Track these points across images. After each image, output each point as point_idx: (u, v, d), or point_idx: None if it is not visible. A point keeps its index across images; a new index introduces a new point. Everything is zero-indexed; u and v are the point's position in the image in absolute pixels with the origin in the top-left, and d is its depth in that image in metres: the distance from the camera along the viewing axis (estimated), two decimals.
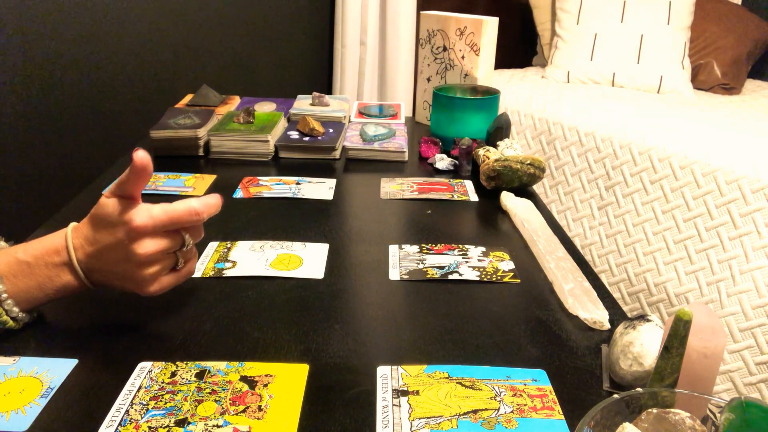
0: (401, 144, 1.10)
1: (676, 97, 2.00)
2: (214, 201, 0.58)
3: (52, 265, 0.56)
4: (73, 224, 0.58)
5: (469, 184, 1.00)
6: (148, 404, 0.49)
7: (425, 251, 0.76)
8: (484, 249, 0.77)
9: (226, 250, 0.75)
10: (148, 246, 0.55)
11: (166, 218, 0.55)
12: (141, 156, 0.53)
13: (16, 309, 0.56)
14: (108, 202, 0.55)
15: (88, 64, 1.75)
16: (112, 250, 0.55)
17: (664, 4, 2.07)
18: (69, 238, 0.56)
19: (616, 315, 0.64)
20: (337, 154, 1.11)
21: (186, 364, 0.54)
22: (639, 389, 0.40)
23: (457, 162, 1.07)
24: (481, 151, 1.00)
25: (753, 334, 1.35)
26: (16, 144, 1.70)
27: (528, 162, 0.92)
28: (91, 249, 0.56)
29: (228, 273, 0.70)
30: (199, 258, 0.73)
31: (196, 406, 0.49)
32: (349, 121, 1.26)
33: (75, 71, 1.74)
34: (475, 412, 0.49)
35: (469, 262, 0.74)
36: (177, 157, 1.09)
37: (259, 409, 0.49)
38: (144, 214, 0.54)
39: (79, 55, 1.73)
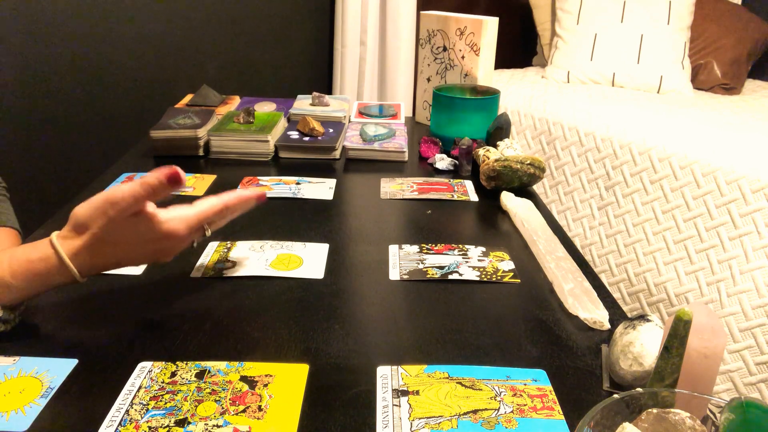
0: (401, 144, 1.10)
1: (676, 97, 2.00)
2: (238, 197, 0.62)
3: (47, 285, 0.56)
4: (60, 238, 0.55)
5: (469, 184, 1.00)
6: (148, 404, 0.49)
7: (425, 251, 0.76)
8: (484, 249, 0.77)
9: (226, 250, 0.75)
10: (179, 246, 0.60)
11: (202, 220, 0.60)
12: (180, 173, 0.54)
13: None
14: (148, 218, 0.55)
15: (88, 64, 1.75)
16: (139, 253, 0.58)
17: (664, 4, 2.07)
18: (69, 265, 0.54)
19: (616, 315, 0.64)
20: (337, 154, 1.11)
21: (186, 364, 0.54)
22: (639, 389, 0.40)
23: (457, 162, 1.07)
24: (481, 151, 1.00)
25: (753, 334, 1.35)
26: (16, 144, 1.70)
27: (528, 162, 0.92)
28: (103, 262, 0.57)
29: (228, 273, 0.70)
30: (199, 258, 0.73)
31: (196, 406, 0.49)
32: (349, 121, 1.26)
33: (75, 71, 1.74)
34: (475, 412, 0.49)
35: (469, 262, 0.74)
36: (177, 157, 1.09)
37: (259, 409, 0.49)
38: (186, 224, 0.58)
39: (79, 55, 1.73)
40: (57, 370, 0.53)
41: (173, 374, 0.53)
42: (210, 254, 0.74)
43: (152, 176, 0.52)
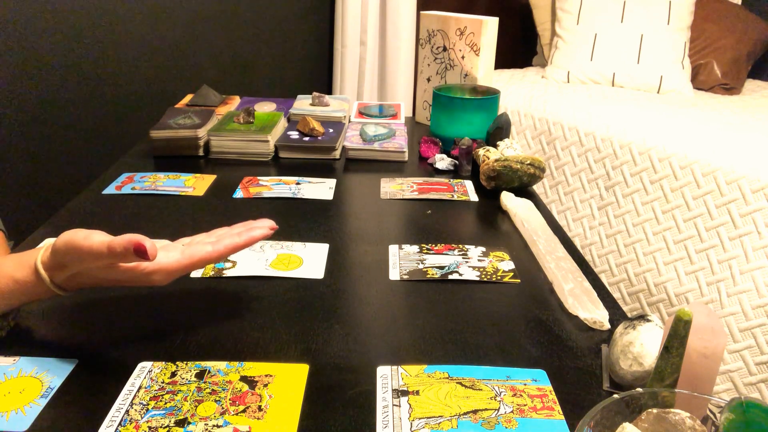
0: (401, 144, 1.10)
1: (676, 97, 2.00)
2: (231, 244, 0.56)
3: (33, 298, 0.55)
4: (45, 267, 0.53)
5: (469, 184, 1.00)
6: (148, 404, 0.49)
7: (425, 251, 0.76)
8: (484, 249, 0.77)
9: None
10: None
11: (182, 272, 0.55)
12: (151, 249, 0.49)
13: None
14: (128, 269, 0.53)
15: (87, 65, 1.75)
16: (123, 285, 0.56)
17: (664, 4, 2.07)
18: (52, 288, 0.53)
19: (616, 315, 0.64)
20: (337, 154, 1.11)
21: (186, 364, 0.54)
22: (639, 389, 0.40)
23: (457, 162, 1.07)
24: (481, 151, 1.00)
25: (753, 334, 1.35)
26: (16, 144, 1.70)
27: (528, 162, 0.92)
28: (86, 284, 0.55)
29: (228, 273, 0.70)
30: None
31: (196, 406, 0.49)
32: (349, 121, 1.26)
33: (75, 71, 1.74)
34: (475, 412, 0.49)
35: (469, 262, 0.74)
36: (177, 157, 1.09)
37: (259, 409, 0.49)
38: (167, 275, 0.54)
39: (79, 56, 1.73)
40: (57, 370, 0.53)
41: (173, 374, 0.53)
42: None
43: (120, 243, 0.48)
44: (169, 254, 0.54)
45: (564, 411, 0.50)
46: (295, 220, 0.84)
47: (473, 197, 0.95)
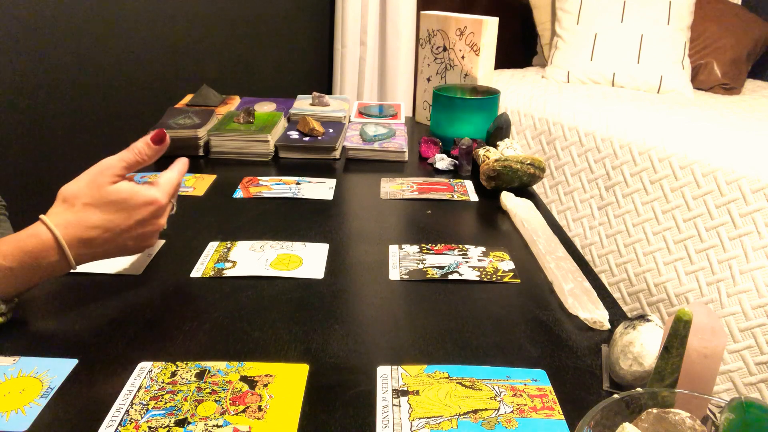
0: (401, 144, 1.10)
1: (676, 97, 2.00)
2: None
3: (39, 266, 0.56)
4: (49, 214, 0.58)
5: (469, 184, 1.00)
6: (148, 404, 0.49)
7: (425, 251, 0.76)
8: (484, 249, 0.77)
9: (226, 250, 0.75)
10: (165, 216, 0.63)
11: (174, 187, 0.63)
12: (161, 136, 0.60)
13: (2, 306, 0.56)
14: (124, 188, 0.58)
15: (87, 64, 1.75)
16: (128, 230, 0.59)
17: (664, 4, 2.07)
18: (59, 237, 0.56)
19: (616, 315, 0.64)
20: (337, 154, 1.11)
21: (186, 364, 0.54)
22: (639, 389, 0.40)
23: (457, 162, 1.07)
24: (481, 151, 1.00)
25: (753, 334, 1.35)
26: (16, 144, 1.70)
27: (528, 162, 0.92)
28: (94, 235, 0.58)
29: (228, 273, 0.70)
30: (199, 258, 0.73)
31: (196, 406, 0.49)
32: (349, 121, 1.26)
33: (75, 71, 1.74)
34: (475, 412, 0.49)
35: (469, 262, 0.74)
36: (177, 157, 1.09)
37: (259, 409, 0.49)
38: (163, 191, 0.61)
39: (79, 55, 1.73)
40: (57, 370, 0.53)
41: (173, 374, 0.53)
42: (210, 254, 0.74)
43: (139, 141, 0.59)
44: (152, 186, 0.62)
45: (564, 411, 0.50)
46: (295, 220, 0.84)
47: (473, 197, 0.95)
